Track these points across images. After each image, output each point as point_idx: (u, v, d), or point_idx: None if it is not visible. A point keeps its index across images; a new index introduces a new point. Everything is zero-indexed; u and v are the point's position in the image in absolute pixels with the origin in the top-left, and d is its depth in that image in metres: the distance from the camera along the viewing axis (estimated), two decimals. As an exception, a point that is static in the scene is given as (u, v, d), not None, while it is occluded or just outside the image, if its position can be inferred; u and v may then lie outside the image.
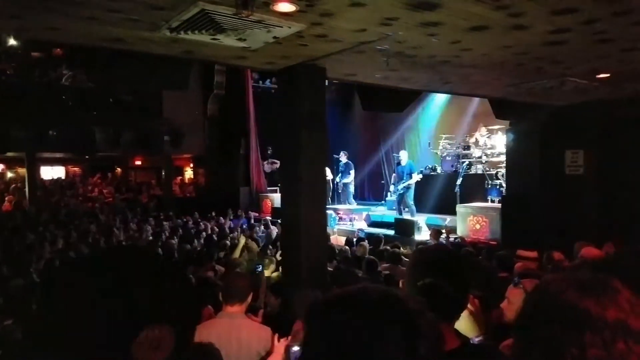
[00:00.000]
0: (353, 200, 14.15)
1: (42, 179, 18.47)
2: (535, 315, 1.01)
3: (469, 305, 1.87)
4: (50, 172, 20.68)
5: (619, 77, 5.92)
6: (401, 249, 7.88)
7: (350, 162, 14.13)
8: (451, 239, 9.47)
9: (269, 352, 2.92)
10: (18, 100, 13.91)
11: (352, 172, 14.01)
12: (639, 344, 0.90)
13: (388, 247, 8.00)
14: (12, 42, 12.60)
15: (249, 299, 3.35)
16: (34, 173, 16.20)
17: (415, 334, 0.82)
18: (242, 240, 6.91)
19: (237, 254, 6.44)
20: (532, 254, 5.30)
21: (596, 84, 6.26)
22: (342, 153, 14.07)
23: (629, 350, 0.89)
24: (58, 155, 19.25)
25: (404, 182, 11.66)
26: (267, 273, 6.32)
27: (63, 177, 20.77)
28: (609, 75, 5.84)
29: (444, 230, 9.87)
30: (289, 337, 2.50)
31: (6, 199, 15.73)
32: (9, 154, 16.48)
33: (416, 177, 11.59)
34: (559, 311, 0.96)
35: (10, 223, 11.95)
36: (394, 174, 12.61)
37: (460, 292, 1.69)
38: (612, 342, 0.89)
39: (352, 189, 14.20)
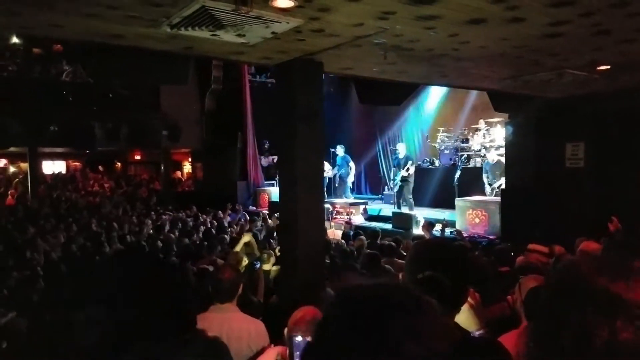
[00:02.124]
0: (350, 194, 14.17)
1: (43, 174, 18.49)
2: (565, 299, 1.00)
3: (469, 299, 1.90)
4: (52, 167, 20.70)
5: (618, 68, 5.94)
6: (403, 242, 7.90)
7: (347, 155, 14.14)
8: (447, 233, 9.50)
9: (263, 347, 2.93)
10: (20, 96, 13.98)
11: (352, 165, 14.03)
12: None
13: (387, 241, 8.02)
14: (14, 40, 12.69)
15: (239, 292, 3.36)
16: (35, 168, 16.25)
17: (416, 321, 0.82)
18: (247, 237, 6.94)
19: (238, 248, 6.47)
20: (543, 249, 5.30)
21: (596, 76, 6.27)
22: (338, 147, 14.08)
23: None
24: (59, 150, 19.30)
25: (400, 174, 11.71)
26: (267, 267, 6.35)
27: (64, 172, 20.79)
28: (608, 67, 5.85)
29: (438, 224, 9.89)
30: (286, 330, 2.52)
31: (9, 193, 15.78)
32: (11, 149, 16.56)
33: (411, 168, 11.62)
34: (590, 296, 0.96)
35: (13, 217, 12.00)
36: (393, 168, 12.63)
37: (459, 286, 1.71)
38: None
39: (349, 182, 14.22)
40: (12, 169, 20.02)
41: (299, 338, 2.14)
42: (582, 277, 1.00)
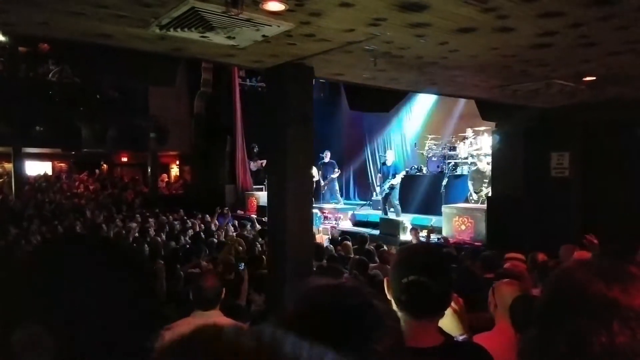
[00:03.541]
0: (340, 198, 14.17)
1: (27, 175, 18.25)
2: (561, 306, 1.00)
3: (452, 304, 1.90)
4: (37, 168, 20.43)
5: (604, 80, 6.01)
6: (385, 247, 7.93)
7: (333, 161, 14.17)
8: (433, 239, 9.54)
9: None
10: (5, 95, 13.78)
11: (337, 169, 14.06)
12: None
13: (372, 247, 8.03)
14: (0, 37, 12.52)
15: (222, 298, 3.32)
16: (20, 168, 16.04)
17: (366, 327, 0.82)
18: (234, 240, 6.93)
19: (228, 251, 6.45)
20: (519, 256, 5.33)
21: (582, 86, 6.34)
22: (326, 152, 14.10)
23: None
24: (44, 150, 19.09)
25: (388, 182, 11.75)
26: None
27: (49, 173, 20.54)
28: (594, 78, 5.92)
29: (424, 230, 9.93)
30: None
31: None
32: (-5, 148, 16.35)
33: (399, 177, 11.67)
34: (587, 302, 0.95)
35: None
36: (379, 174, 12.67)
37: (443, 290, 1.72)
38: (638, 329, 0.89)
39: (337, 187, 14.23)
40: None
41: None
42: (577, 284, 0.99)
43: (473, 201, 11.35)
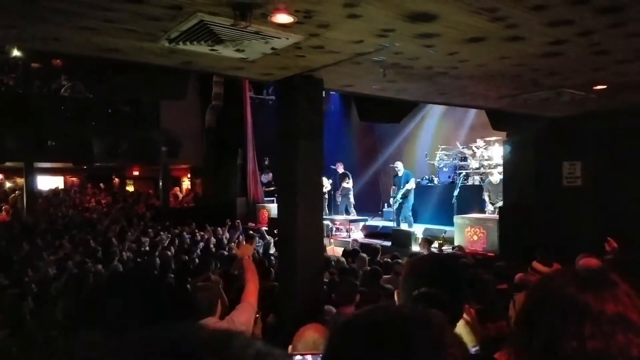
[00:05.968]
0: (354, 210, 14.13)
1: (40, 189, 18.40)
2: (537, 308, 1.02)
3: (464, 315, 1.87)
4: (49, 182, 20.61)
5: (615, 88, 5.95)
6: (400, 259, 7.86)
7: (347, 172, 14.14)
8: (446, 250, 9.45)
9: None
10: (18, 111, 13.96)
11: (350, 180, 14.03)
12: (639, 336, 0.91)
13: (389, 260, 7.97)
14: (15, 53, 12.74)
15: (218, 308, 3.32)
16: (32, 183, 16.17)
17: None
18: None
19: (237, 266, 6.42)
20: (545, 269, 5.21)
21: (593, 95, 6.29)
22: (338, 164, 14.08)
23: (629, 342, 0.90)
24: (56, 165, 19.25)
25: (401, 192, 11.71)
26: None
27: (61, 187, 20.71)
28: (605, 87, 5.87)
29: (436, 241, 9.85)
30: (290, 347, 2.48)
31: (4, 208, 15.64)
32: (7, 163, 16.47)
33: (411, 184, 11.66)
34: (560, 305, 0.97)
35: (8, 233, 11.88)
36: (393, 187, 12.62)
37: (455, 302, 1.69)
38: (612, 335, 0.90)
39: (352, 198, 14.19)
40: (7, 184, 19.91)
41: (298, 357, 2.10)
42: (552, 289, 1.02)
43: (489, 212, 11.25)
